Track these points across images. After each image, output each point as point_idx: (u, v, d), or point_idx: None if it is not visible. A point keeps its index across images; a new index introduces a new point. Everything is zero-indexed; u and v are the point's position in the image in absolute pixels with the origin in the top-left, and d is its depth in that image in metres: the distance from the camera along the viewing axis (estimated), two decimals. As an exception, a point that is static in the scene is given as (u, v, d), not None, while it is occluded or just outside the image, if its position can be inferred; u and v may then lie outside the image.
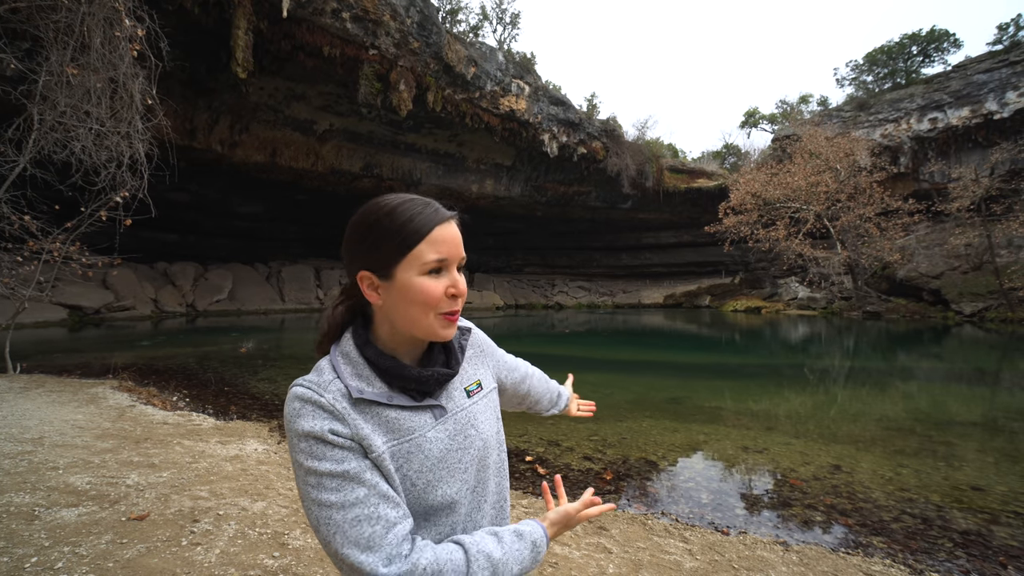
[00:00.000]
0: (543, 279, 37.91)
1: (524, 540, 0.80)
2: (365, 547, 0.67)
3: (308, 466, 0.70)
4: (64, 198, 6.77)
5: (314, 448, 0.70)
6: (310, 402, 0.72)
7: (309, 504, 0.70)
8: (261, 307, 24.80)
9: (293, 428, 0.72)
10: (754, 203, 23.56)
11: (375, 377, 0.78)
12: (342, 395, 0.74)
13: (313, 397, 0.72)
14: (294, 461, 0.72)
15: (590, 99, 29.95)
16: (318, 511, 0.69)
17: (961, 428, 5.64)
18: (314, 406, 0.72)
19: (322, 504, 0.69)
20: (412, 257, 0.75)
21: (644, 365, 10.82)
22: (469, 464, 0.83)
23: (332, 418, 0.71)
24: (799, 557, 2.75)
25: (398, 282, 0.76)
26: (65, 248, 7.21)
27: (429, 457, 0.77)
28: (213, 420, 5.22)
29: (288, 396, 0.74)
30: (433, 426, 0.80)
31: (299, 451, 0.71)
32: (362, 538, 0.67)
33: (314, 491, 0.70)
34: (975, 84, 22.33)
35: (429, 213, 0.77)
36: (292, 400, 0.73)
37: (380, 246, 0.76)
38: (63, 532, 2.47)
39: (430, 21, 17.53)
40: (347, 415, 0.72)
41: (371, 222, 0.77)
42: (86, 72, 6.66)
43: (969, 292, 19.79)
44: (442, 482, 0.78)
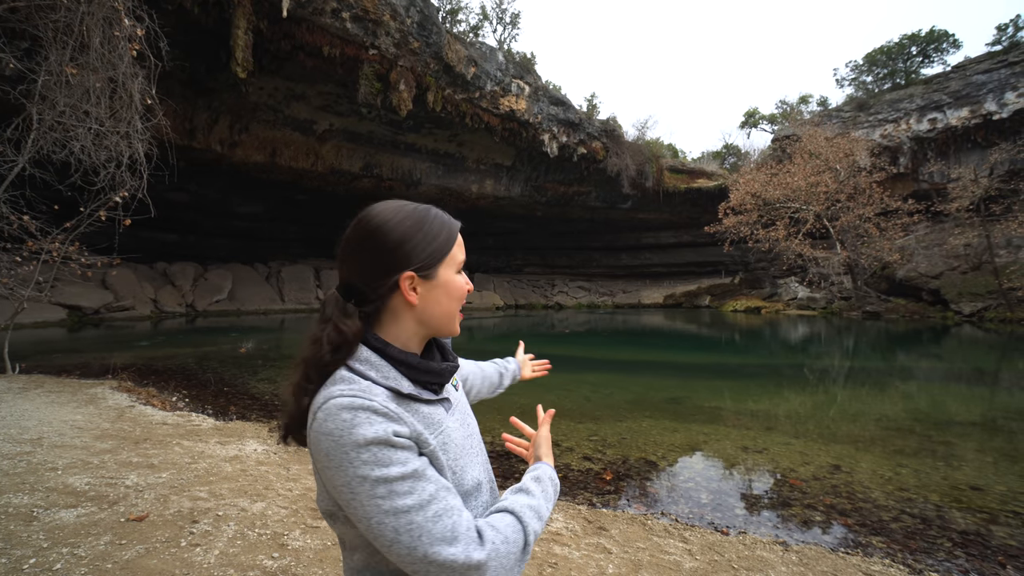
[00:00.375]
0: (543, 279, 37.91)
1: (543, 481, 0.88)
2: (451, 540, 0.67)
3: (376, 475, 0.66)
4: (63, 198, 6.76)
5: (380, 454, 0.67)
6: (364, 409, 0.69)
7: (382, 517, 0.66)
8: (261, 307, 24.79)
9: (349, 440, 0.67)
10: (754, 203, 23.57)
11: (401, 377, 0.79)
12: (388, 397, 0.74)
13: (365, 403, 0.69)
14: (352, 479, 0.67)
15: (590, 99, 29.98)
16: (395, 520, 0.66)
17: (960, 428, 5.64)
18: (368, 412, 0.69)
19: (399, 511, 0.66)
20: (450, 257, 0.83)
21: (644, 365, 10.82)
22: (477, 447, 0.90)
23: (389, 420, 0.70)
24: (799, 557, 2.75)
25: (441, 279, 0.82)
26: (64, 248, 7.20)
27: (457, 445, 0.82)
28: (212, 420, 5.21)
29: (326, 412, 0.69)
30: (448, 417, 0.84)
31: (361, 463, 0.67)
32: (446, 532, 0.67)
33: (386, 501, 0.66)
34: (974, 85, 22.35)
35: (449, 219, 0.86)
36: (339, 412, 0.68)
37: (426, 247, 0.80)
38: (62, 533, 2.47)
39: (430, 21, 17.52)
40: (401, 415, 0.72)
41: (410, 226, 0.80)
42: (85, 72, 6.65)
43: (968, 292, 19.80)
44: (469, 467, 0.83)
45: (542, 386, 7.80)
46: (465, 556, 0.67)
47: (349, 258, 0.81)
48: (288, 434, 0.80)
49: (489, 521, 0.75)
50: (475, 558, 0.67)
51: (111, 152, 6.86)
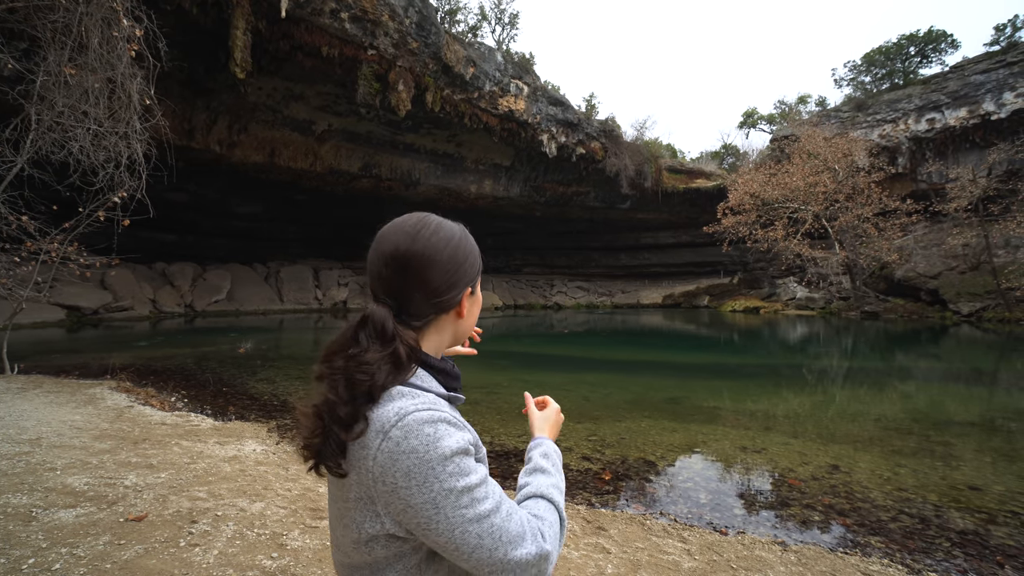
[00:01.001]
0: (542, 279, 37.93)
1: (551, 456, 0.92)
2: (522, 535, 0.70)
3: (462, 485, 0.67)
4: (62, 198, 6.75)
5: (462, 465, 0.68)
6: (442, 422, 0.69)
7: (467, 526, 0.67)
8: (260, 307, 24.77)
9: (435, 455, 0.66)
10: (752, 203, 23.59)
11: (438, 385, 0.81)
12: (450, 407, 0.77)
13: (441, 416, 0.70)
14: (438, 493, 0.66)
15: (589, 99, 29.97)
16: (479, 527, 0.67)
17: (959, 428, 5.65)
18: (447, 424, 0.69)
19: (482, 517, 0.68)
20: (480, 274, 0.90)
21: (643, 365, 10.83)
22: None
23: (459, 429, 0.71)
24: (797, 557, 2.75)
25: (478, 293, 0.90)
26: (63, 248, 7.19)
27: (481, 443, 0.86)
28: (211, 421, 5.21)
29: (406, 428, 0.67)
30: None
31: (447, 476, 0.66)
32: (519, 528, 0.70)
33: (470, 509, 0.67)
34: (972, 85, 22.39)
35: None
36: (420, 427, 0.67)
37: (473, 266, 0.86)
38: (61, 533, 2.47)
39: (429, 21, 17.52)
40: (466, 424, 0.75)
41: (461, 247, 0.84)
42: (84, 72, 6.64)
43: (967, 292, 19.84)
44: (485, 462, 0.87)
45: (541, 386, 7.81)
46: (537, 549, 0.70)
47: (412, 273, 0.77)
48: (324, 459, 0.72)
49: (533, 511, 0.78)
50: (546, 549, 0.71)
51: (110, 152, 6.85)
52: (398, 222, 0.81)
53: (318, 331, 17.62)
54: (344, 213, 27.80)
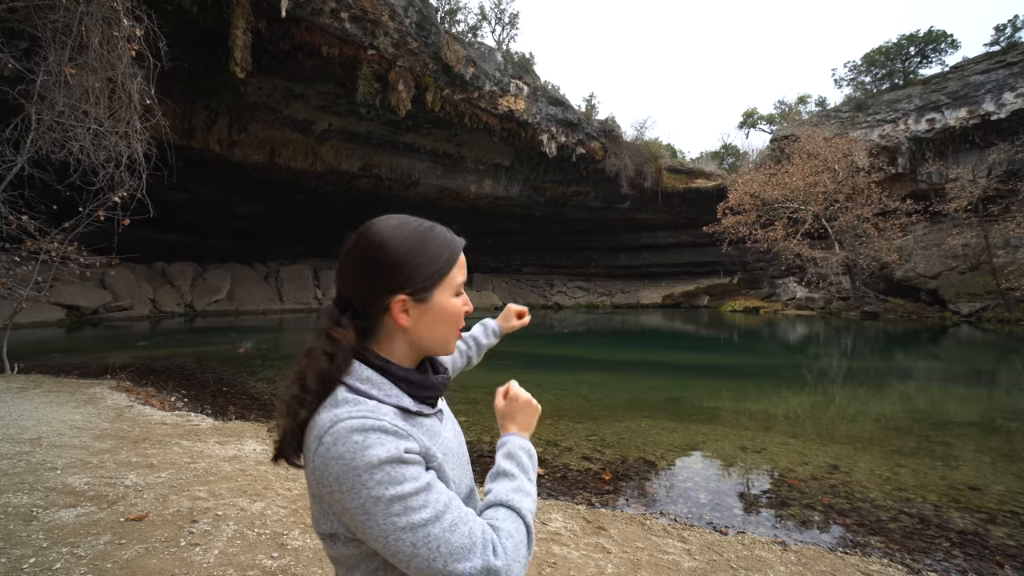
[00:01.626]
0: (541, 279, 37.94)
1: (515, 456, 0.86)
2: (469, 548, 0.67)
3: (391, 494, 0.66)
4: (62, 198, 6.75)
5: (393, 472, 0.67)
6: (373, 430, 0.68)
7: (399, 534, 0.66)
8: (259, 307, 24.77)
9: (361, 463, 0.66)
10: (752, 203, 23.59)
11: (403, 394, 0.78)
12: (395, 415, 0.74)
13: (374, 424, 0.69)
14: (366, 500, 0.66)
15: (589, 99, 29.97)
16: (413, 535, 0.66)
17: (958, 428, 5.65)
18: (379, 432, 0.68)
19: (416, 526, 0.66)
20: (448, 280, 0.81)
21: (642, 365, 10.83)
22: (466, 454, 0.91)
23: (399, 438, 0.69)
24: (797, 557, 2.76)
25: (435, 303, 0.80)
26: (63, 248, 7.19)
27: (454, 456, 0.83)
28: (211, 420, 5.21)
29: (335, 436, 0.68)
30: (443, 427, 0.85)
31: (375, 484, 0.66)
32: (464, 539, 0.67)
33: (402, 517, 0.66)
34: (972, 85, 22.39)
35: (453, 239, 0.83)
36: (348, 436, 0.67)
37: (422, 270, 0.78)
38: (61, 533, 2.47)
39: (429, 21, 17.52)
40: (410, 431, 0.72)
41: (405, 248, 0.78)
42: (84, 72, 6.64)
43: (966, 292, 19.85)
44: (463, 475, 0.85)
45: (539, 386, 7.81)
46: (484, 564, 0.66)
47: (347, 272, 0.79)
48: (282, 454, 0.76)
49: (490, 521, 0.74)
50: (494, 565, 0.67)
51: (110, 152, 6.85)
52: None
53: (318, 331, 17.57)
54: (344, 213, 27.75)
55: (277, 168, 21.50)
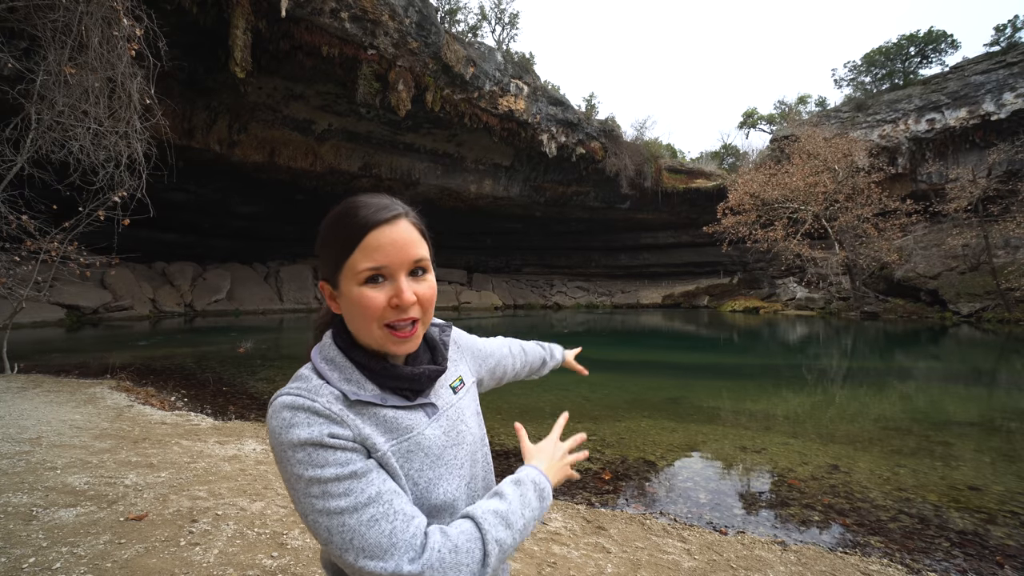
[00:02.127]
0: (542, 279, 37.95)
1: (523, 484, 0.78)
2: (384, 549, 0.63)
3: (309, 476, 0.64)
4: (62, 198, 6.75)
5: (313, 456, 0.65)
6: (303, 409, 0.67)
7: (316, 517, 0.64)
8: (259, 307, 24.78)
9: (285, 440, 0.66)
10: (752, 203, 23.60)
11: (365, 380, 0.75)
12: (335, 399, 0.70)
13: (305, 404, 0.68)
14: (290, 476, 0.65)
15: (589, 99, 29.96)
16: (328, 521, 0.64)
17: (958, 428, 5.65)
18: (308, 412, 0.67)
19: (331, 512, 0.64)
20: (348, 267, 0.72)
21: (642, 365, 10.83)
22: (464, 460, 0.82)
23: (329, 422, 0.67)
24: (797, 557, 2.76)
25: (343, 293, 0.74)
26: (63, 248, 7.20)
27: (429, 455, 0.76)
28: (211, 420, 5.21)
29: (273, 408, 0.69)
30: (428, 424, 0.78)
31: (295, 463, 0.65)
32: (382, 537, 0.63)
33: (319, 501, 0.64)
34: (972, 85, 22.40)
35: (364, 216, 0.72)
36: (280, 411, 0.67)
37: (328, 255, 0.75)
38: (61, 532, 2.47)
39: (429, 21, 17.52)
40: (345, 417, 0.69)
41: (322, 230, 0.76)
42: (84, 71, 6.64)
43: (966, 292, 19.85)
44: (443, 480, 0.77)
45: (540, 386, 7.80)
46: (395, 569, 0.62)
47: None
48: None
49: (443, 527, 0.69)
50: (405, 570, 0.62)
51: (110, 152, 6.85)
52: None
53: (318, 331, 17.59)
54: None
55: (277, 168, 21.50)
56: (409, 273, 0.74)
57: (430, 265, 0.77)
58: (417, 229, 0.76)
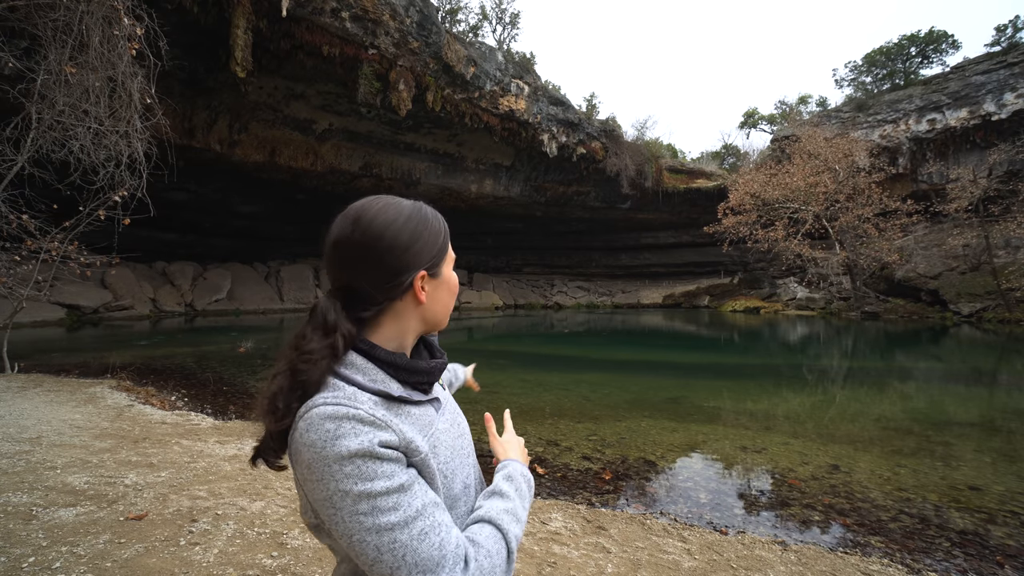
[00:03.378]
0: (542, 279, 37.93)
1: (515, 479, 0.85)
2: (438, 560, 0.64)
3: (359, 491, 0.63)
4: (62, 197, 6.75)
5: (363, 468, 0.63)
6: (348, 418, 0.65)
7: (364, 535, 0.63)
8: (260, 307, 24.79)
9: (332, 453, 0.63)
10: (753, 203, 23.58)
11: (389, 379, 0.75)
12: (376, 403, 0.70)
13: (350, 412, 0.65)
14: (334, 493, 0.63)
15: (589, 99, 29.94)
16: (378, 539, 0.63)
17: (959, 428, 5.65)
18: (354, 421, 0.65)
19: (382, 529, 0.63)
20: (449, 253, 0.85)
21: (643, 365, 10.83)
22: (468, 449, 0.87)
23: (376, 428, 0.66)
24: (797, 556, 2.75)
25: (444, 276, 0.83)
26: (63, 247, 7.20)
27: (447, 447, 0.80)
28: (212, 420, 5.21)
29: (309, 421, 0.65)
30: (438, 418, 0.82)
31: (343, 477, 0.63)
32: (432, 550, 0.64)
33: (369, 518, 0.63)
34: (973, 85, 22.38)
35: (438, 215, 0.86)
36: (322, 422, 0.64)
37: (432, 245, 0.81)
38: (61, 532, 2.47)
39: (429, 21, 17.51)
40: (390, 422, 0.68)
41: (415, 226, 0.79)
42: (84, 71, 6.64)
43: (967, 292, 19.83)
44: (460, 470, 0.81)
45: (541, 385, 7.81)
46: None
47: (353, 262, 0.75)
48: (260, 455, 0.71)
49: (470, 535, 0.71)
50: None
51: (110, 151, 6.85)
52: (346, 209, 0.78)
53: (318, 330, 17.58)
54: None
55: (277, 168, 21.50)
56: None
57: None
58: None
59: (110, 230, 7.11)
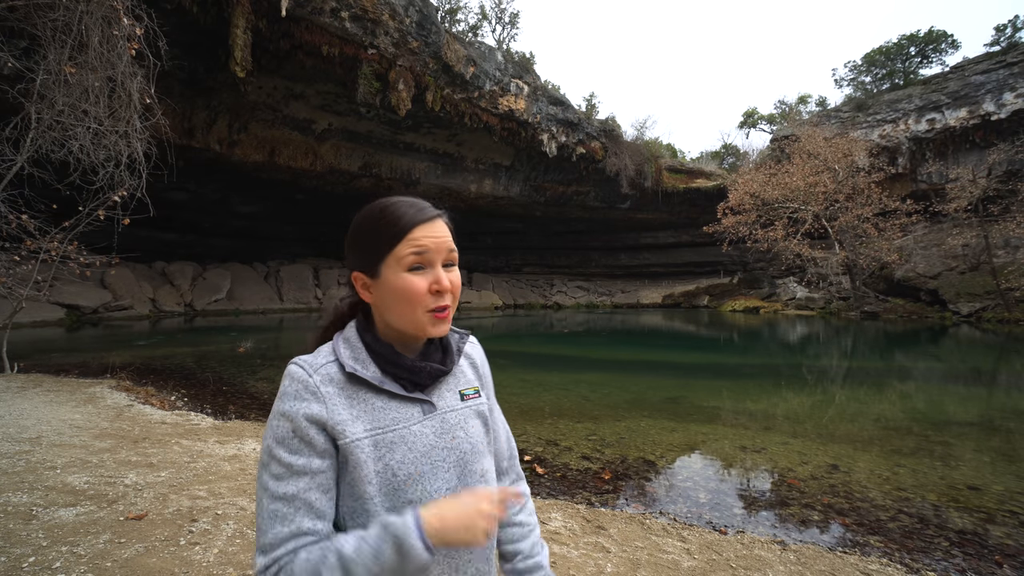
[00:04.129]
0: (542, 279, 37.93)
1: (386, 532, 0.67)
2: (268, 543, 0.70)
3: (269, 445, 0.73)
4: (62, 197, 6.75)
5: (280, 428, 0.73)
6: (298, 381, 0.75)
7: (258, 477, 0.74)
8: (259, 307, 24.77)
9: (277, 404, 0.75)
10: (752, 203, 23.59)
11: (370, 361, 0.80)
12: (329, 379, 0.76)
13: (302, 377, 0.76)
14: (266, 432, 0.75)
15: (589, 99, 29.94)
16: (260, 490, 0.73)
17: (958, 428, 5.65)
18: (300, 386, 0.75)
19: (263, 485, 0.73)
20: (394, 255, 0.78)
21: (642, 365, 10.83)
22: (452, 465, 0.81)
23: (312, 400, 0.74)
24: (797, 556, 2.76)
25: (384, 280, 0.79)
26: (63, 247, 7.20)
27: (413, 450, 0.78)
28: (211, 419, 5.21)
29: (286, 370, 0.78)
30: (420, 420, 0.81)
31: (271, 426, 0.74)
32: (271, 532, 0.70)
33: (264, 470, 0.74)
34: (973, 85, 22.39)
35: (411, 213, 0.80)
36: (285, 377, 0.77)
37: (368, 246, 0.81)
38: (61, 532, 2.47)
39: (429, 21, 17.51)
40: (328, 399, 0.75)
41: (360, 224, 0.82)
42: (84, 71, 6.64)
43: (966, 292, 19.84)
44: (425, 479, 0.78)
45: (540, 385, 7.81)
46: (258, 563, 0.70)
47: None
48: None
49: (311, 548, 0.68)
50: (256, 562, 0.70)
51: (110, 151, 6.85)
52: None
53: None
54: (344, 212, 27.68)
55: (277, 168, 21.50)
56: (444, 265, 0.81)
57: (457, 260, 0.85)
58: (449, 228, 0.84)
59: (110, 230, 7.11)
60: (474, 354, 0.97)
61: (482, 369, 0.98)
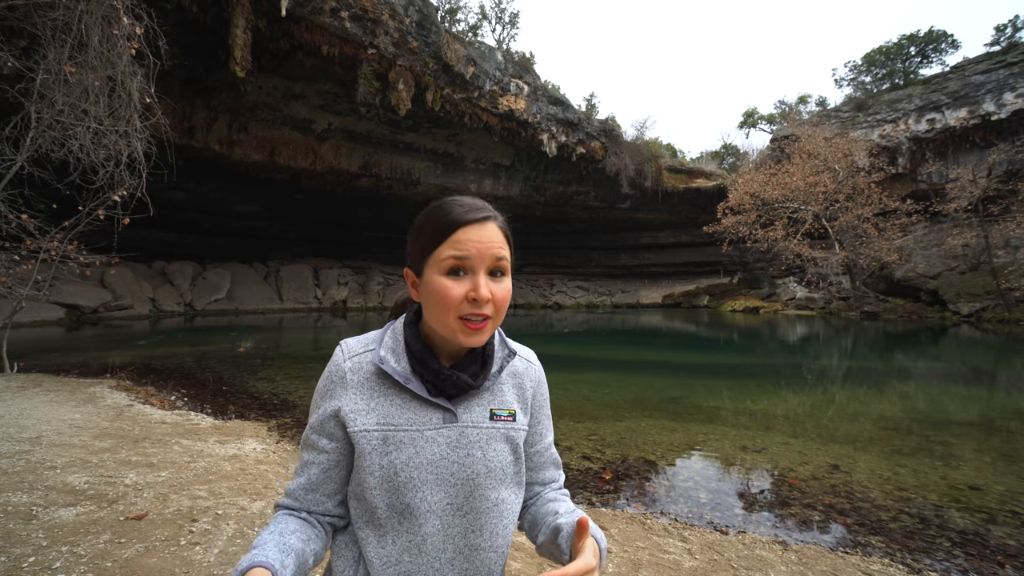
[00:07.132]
0: (542, 279, 37.93)
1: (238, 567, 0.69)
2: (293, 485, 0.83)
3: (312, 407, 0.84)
4: (62, 197, 6.75)
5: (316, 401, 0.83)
6: (332, 368, 0.82)
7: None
8: (259, 306, 24.77)
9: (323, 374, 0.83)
10: (752, 203, 23.60)
11: (404, 357, 0.81)
12: (359, 367, 0.81)
13: (337, 362, 0.82)
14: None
15: (589, 99, 29.94)
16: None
17: (958, 428, 5.65)
18: (331, 376, 0.81)
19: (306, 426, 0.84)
20: (435, 256, 0.76)
21: (642, 365, 10.82)
22: (460, 483, 0.77)
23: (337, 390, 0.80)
24: (798, 556, 2.75)
25: (425, 280, 0.77)
26: (63, 247, 7.19)
27: (420, 455, 0.76)
28: (211, 419, 5.21)
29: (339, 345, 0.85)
30: (436, 428, 0.78)
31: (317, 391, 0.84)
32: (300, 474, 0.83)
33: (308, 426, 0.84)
34: (973, 85, 22.40)
35: (457, 213, 0.76)
36: (336, 350, 0.84)
37: (416, 244, 0.80)
38: (61, 531, 2.47)
39: (429, 20, 17.51)
40: (350, 387, 0.79)
41: (415, 221, 0.82)
42: (84, 70, 6.64)
43: (966, 292, 19.84)
44: (424, 486, 0.76)
45: (541, 386, 7.78)
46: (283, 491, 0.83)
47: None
48: None
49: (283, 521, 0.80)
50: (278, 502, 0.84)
51: (110, 151, 6.85)
52: None
53: (317, 330, 17.62)
54: (344, 212, 27.75)
55: (277, 167, 21.50)
56: (489, 272, 0.77)
57: (509, 269, 0.81)
58: (503, 233, 0.80)
59: (109, 230, 7.10)
60: (525, 375, 0.89)
61: (530, 392, 0.89)
